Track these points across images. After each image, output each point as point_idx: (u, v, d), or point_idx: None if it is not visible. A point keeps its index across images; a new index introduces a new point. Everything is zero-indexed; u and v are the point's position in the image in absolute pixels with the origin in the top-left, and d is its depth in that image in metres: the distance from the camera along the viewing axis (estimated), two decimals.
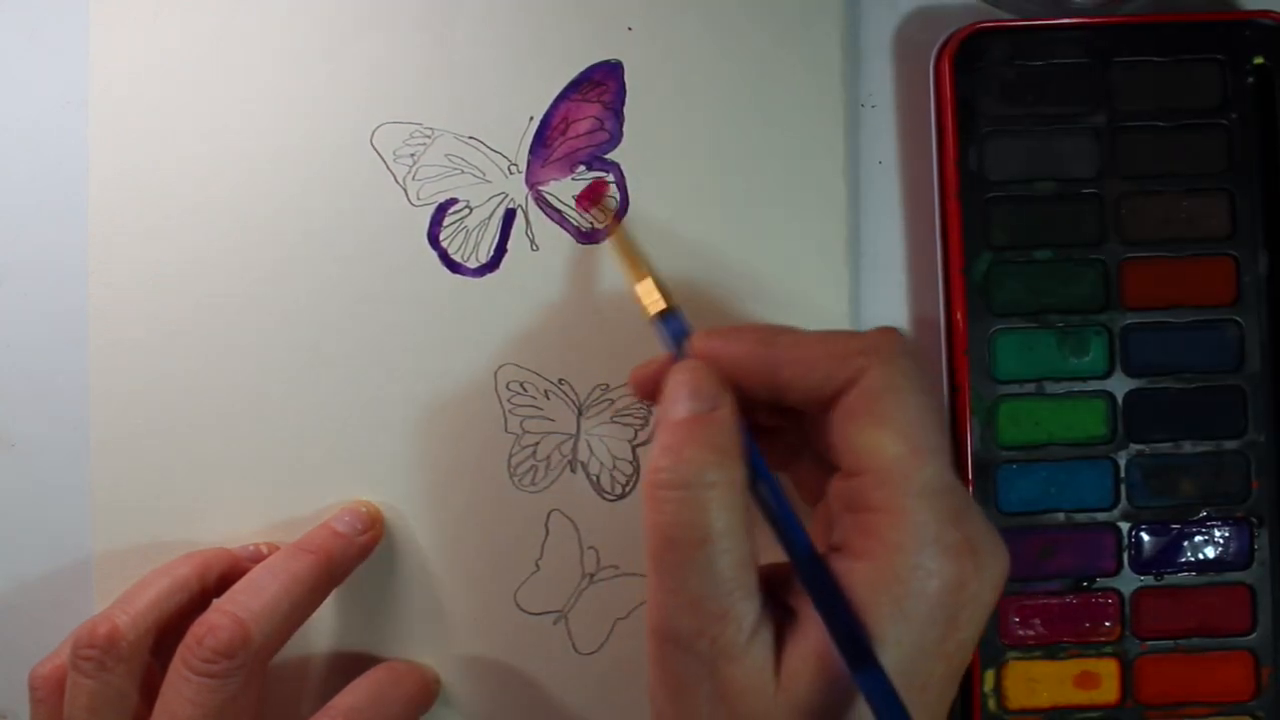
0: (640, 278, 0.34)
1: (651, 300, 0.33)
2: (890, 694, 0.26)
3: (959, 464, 0.38)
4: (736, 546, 0.28)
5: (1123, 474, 0.38)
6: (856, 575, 0.27)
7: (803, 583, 0.28)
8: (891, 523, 0.27)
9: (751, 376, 0.30)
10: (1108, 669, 0.38)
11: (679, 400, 0.30)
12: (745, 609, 0.28)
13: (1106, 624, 0.38)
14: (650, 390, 0.32)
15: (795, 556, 0.29)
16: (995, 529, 0.29)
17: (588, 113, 0.38)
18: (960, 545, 0.27)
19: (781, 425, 0.33)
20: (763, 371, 0.30)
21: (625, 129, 0.38)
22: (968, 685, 0.37)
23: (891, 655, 0.27)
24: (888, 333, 0.30)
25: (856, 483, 0.28)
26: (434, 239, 0.38)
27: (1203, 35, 0.38)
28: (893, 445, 0.28)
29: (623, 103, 0.38)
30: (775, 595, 0.29)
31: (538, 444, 0.38)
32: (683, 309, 0.33)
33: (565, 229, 0.38)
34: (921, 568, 0.27)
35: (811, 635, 0.28)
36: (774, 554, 0.29)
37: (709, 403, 0.30)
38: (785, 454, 0.33)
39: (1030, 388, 0.38)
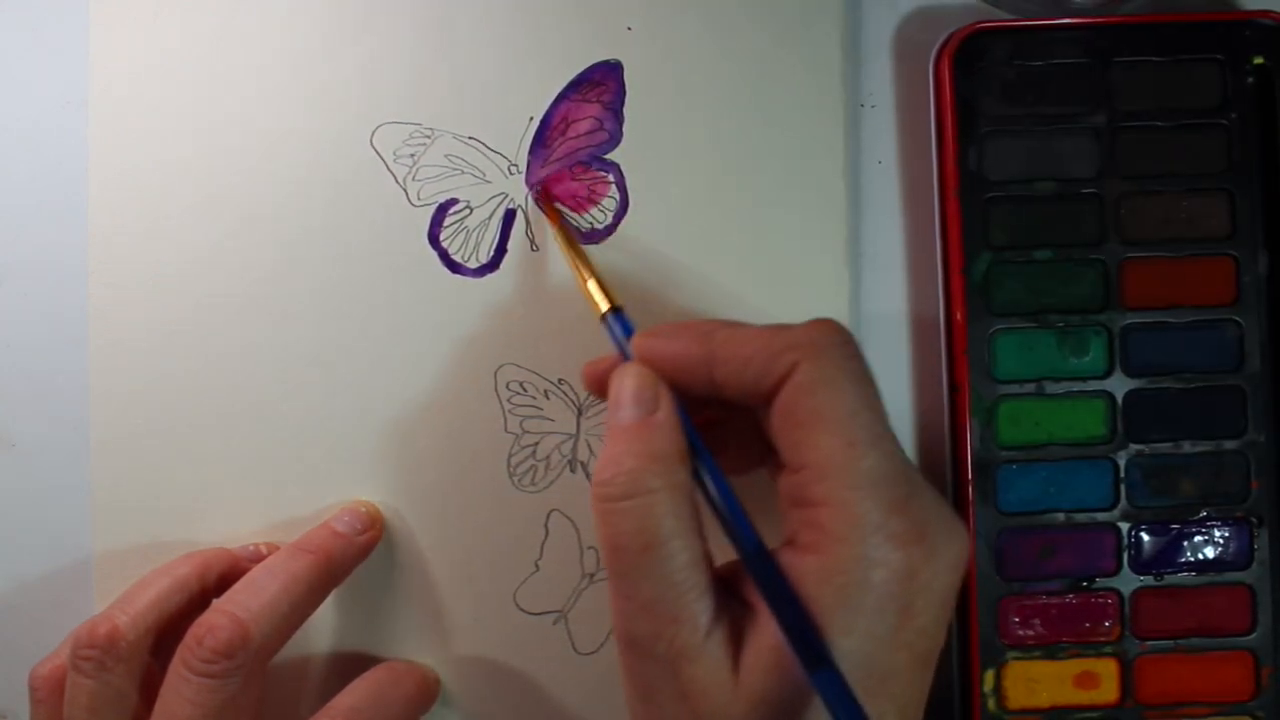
0: (585, 278, 0.34)
1: (597, 300, 0.34)
2: (845, 694, 0.26)
3: (958, 464, 0.38)
4: (685, 549, 0.28)
5: (1123, 474, 0.38)
6: (804, 569, 0.27)
7: (753, 579, 0.28)
8: (833, 515, 0.27)
9: (689, 375, 0.30)
10: (1107, 669, 0.38)
11: (620, 407, 0.30)
12: (699, 609, 0.28)
13: (1106, 624, 0.38)
14: (600, 387, 0.32)
15: (744, 553, 0.29)
16: (950, 511, 0.29)
17: (587, 113, 0.38)
18: (907, 533, 0.27)
19: (733, 419, 0.33)
20: (699, 369, 0.30)
21: (625, 129, 0.38)
22: (967, 685, 0.37)
23: (844, 647, 0.27)
24: (821, 325, 0.29)
25: (799, 477, 0.28)
26: (434, 239, 0.38)
27: (1203, 35, 0.38)
28: (828, 439, 0.28)
29: (622, 103, 0.38)
30: (733, 591, 0.29)
31: (537, 444, 0.38)
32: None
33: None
34: (865, 558, 0.27)
35: (768, 630, 0.28)
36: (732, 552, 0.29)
37: (647, 407, 0.30)
38: (749, 442, 0.33)
39: (1030, 388, 0.38)
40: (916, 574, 0.27)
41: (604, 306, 0.33)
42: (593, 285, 0.34)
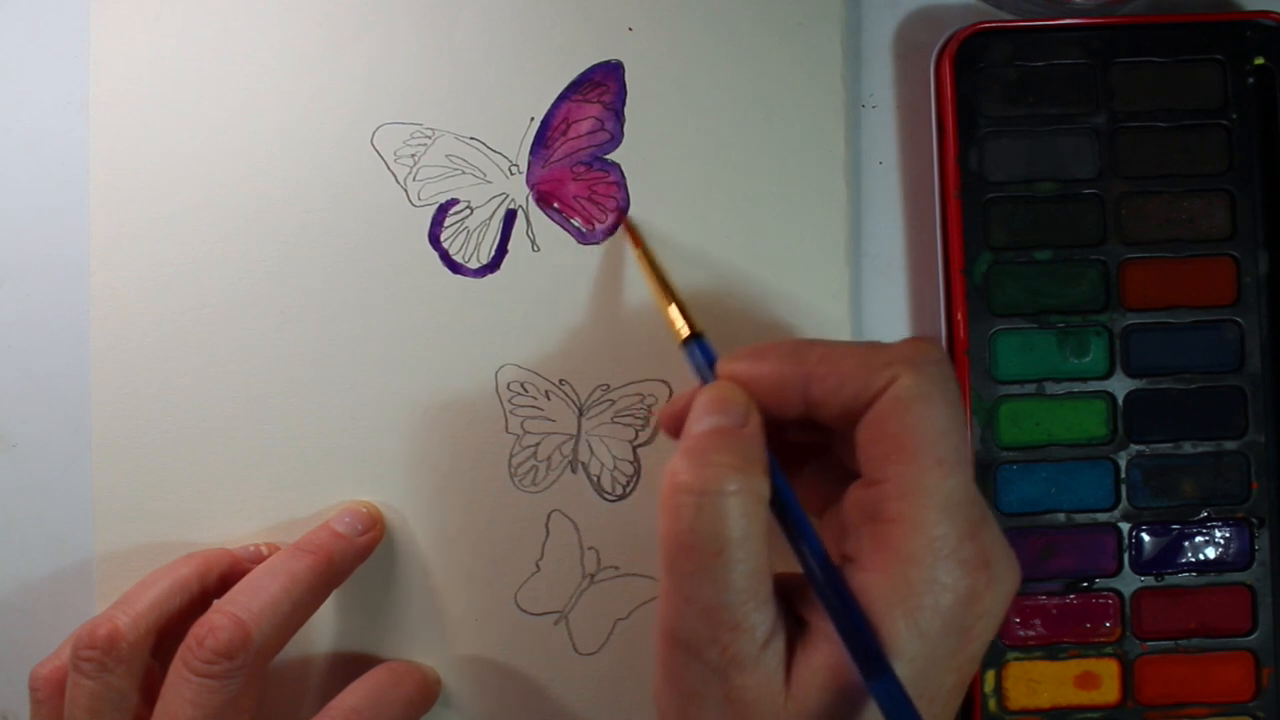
0: (668, 303, 0.34)
1: (679, 326, 0.33)
2: (904, 702, 0.26)
3: None
4: (753, 556, 0.28)
5: (1123, 474, 0.38)
6: (872, 588, 0.27)
7: (818, 594, 0.28)
8: (908, 535, 0.27)
9: (782, 394, 0.30)
10: (1108, 669, 0.38)
11: (706, 415, 0.29)
12: (758, 619, 0.27)
13: (1107, 624, 0.38)
14: (679, 426, 0.31)
15: (811, 568, 0.28)
16: (1007, 543, 0.29)
17: (588, 113, 0.38)
18: (976, 559, 0.27)
19: (803, 440, 0.32)
20: (794, 389, 0.30)
21: (625, 129, 0.38)
22: (968, 685, 0.37)
23: (904, 668, 0.27)
24: (920, 341, 0.29)
25: (876, 491, 0.28)
26: (435, 239, 0.38)
27: (1203, 35, 0.38)
28: (916, 455, 0.28)
29: (623, 103, 0.38)
30: (788, 605, 0.29)
31: (538, 444, 0.38)
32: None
33: (566, 230, 0.38)
34: (937, 582, 0.27)
35: (823, 647, 0.28)
36: (786, 564, 0.29)
37: (737, 418, 0.29)
38: (791, 462, 0.33)
39: (1030, 388, 0.38)
40: (979, 600, 0.27)
41: (685, 332, 0.33)
42: (674, 311, 0.33)
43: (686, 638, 0.28)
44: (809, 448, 0.32)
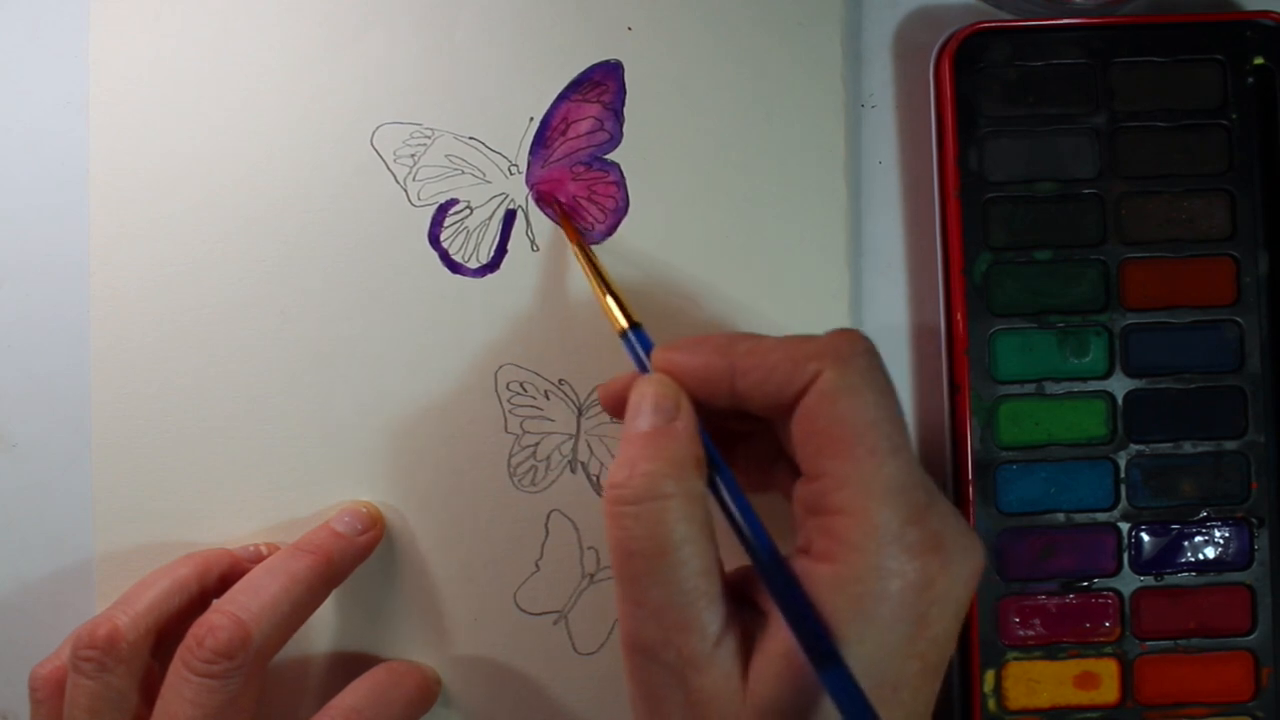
0: (603, 294, 0.34)
1: (616, 317, 0.33)
2: (855, 691, 0.26)
3: (959, 464, 0.38)
4: (697, 556, 0.28)
5: (1123, 474, 0.38)
6: (819, 578, 0.27)
7: (766, 585, 0.28)
8: (851, 524, 0.27)
9: (711, 386, 0.30)
10: (1108, 669, 0.38)
11: (639, 414, 0.30)
12: (709, 618, 0.28)
13: (1106, 624, 0.38)
14: (618, 406, 0.32)
15: (757, 560, 0.29)
16: (965, 523, 0.29)
17: (588, 113, 0.38)
18: (924, 543, 0.27)
19: (753, 431, 0.33)
20: (722, 381, 0.30)
21: (625, 129, 0.38)
22: (968, 685, 0.37)
23: (857, 655, 0.27)
24: (844, 334, 0.30)
25: (817, 485, 0.28)
26: (434, 239, 0.38)
27: (1203, 35, 0.38)
28: (848, 447, 0.28)
29: (623, 103, 0.38)
30: (744, 598, 0.29)
31: (538, 444, 0.38)
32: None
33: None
34: (882, 568, 0.27)
35: (778, 637, 0.28)
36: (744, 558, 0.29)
37: (667, 415, 0.30)
38: (763, 460, 0.33)
39: (1030, 388, 0.38)
40: (932, 584, 0.27)
41: (623, 323, 0.33)
42: (611, 301, 0.34)
43: (643, 642, 0.28)
44: (750, 432, 0.33)
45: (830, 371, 0.28)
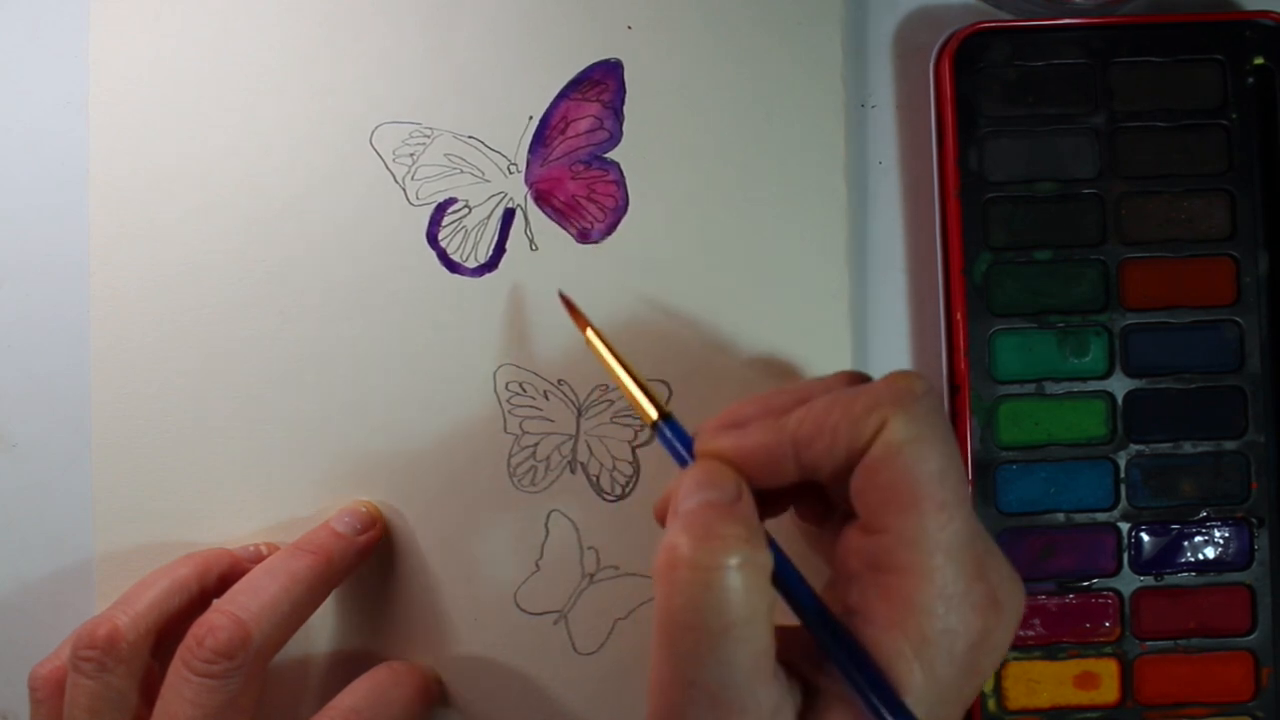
0: (630, 387, 0.32)
1: (646, 409, 0.32)
2: None
3: None
4: (760, 636, 0.26)
5: (1123, 474, 0.38)
6: (885, 644, 0.27)
7: (834, 661, 0.27)
8: (918, 586, 0.26)
9: (772, 466, 0.29)
10: (1108, 669, 0.38)
11: (696, 492, 0.28)
12: (764, 697, 0.26)
13: (1106, 624, 0.38)
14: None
15: (822, 637, 0.27)
16: (1011, 567, 0.28)
17: (587, 112, 0.38)
18: (985, 599, 0.27)
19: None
20: (785, 460, 0.29)
21: (625, 128, 0.38)
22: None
23: (919, 712, 0.26)
24: (904, 377, 0.28)
25: (879, 541, 0.27)
26: (433, 239, 0.38)
27: (1203, 35, 0.38)
28: (916, 503, 0.27)
29: (622, 102, 0.38)
30: (792, 670, 0.28)
31: (537, 444, 0.38)
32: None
33: (564, 229, 0.38)
34: (950, 630, 0.27)
35: (835, 709, 0.27)
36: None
37: (730, 494, 0.28)
38: (774, 506, 0.32)
39: (1030, 388, 0.38)
40: (989, 637, 0.27)
41: (653, 415, 0.31)
42: (639, 394, 0.32)
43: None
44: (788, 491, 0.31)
45: (896, 421, 0.27)
